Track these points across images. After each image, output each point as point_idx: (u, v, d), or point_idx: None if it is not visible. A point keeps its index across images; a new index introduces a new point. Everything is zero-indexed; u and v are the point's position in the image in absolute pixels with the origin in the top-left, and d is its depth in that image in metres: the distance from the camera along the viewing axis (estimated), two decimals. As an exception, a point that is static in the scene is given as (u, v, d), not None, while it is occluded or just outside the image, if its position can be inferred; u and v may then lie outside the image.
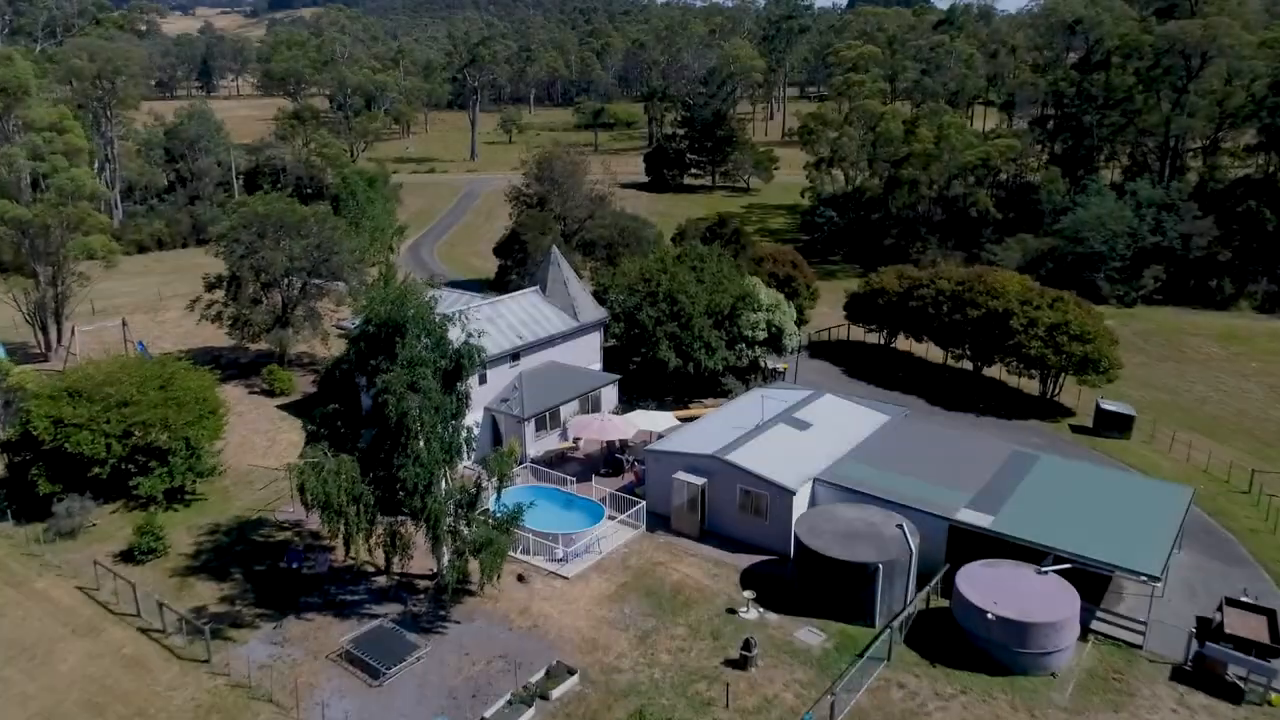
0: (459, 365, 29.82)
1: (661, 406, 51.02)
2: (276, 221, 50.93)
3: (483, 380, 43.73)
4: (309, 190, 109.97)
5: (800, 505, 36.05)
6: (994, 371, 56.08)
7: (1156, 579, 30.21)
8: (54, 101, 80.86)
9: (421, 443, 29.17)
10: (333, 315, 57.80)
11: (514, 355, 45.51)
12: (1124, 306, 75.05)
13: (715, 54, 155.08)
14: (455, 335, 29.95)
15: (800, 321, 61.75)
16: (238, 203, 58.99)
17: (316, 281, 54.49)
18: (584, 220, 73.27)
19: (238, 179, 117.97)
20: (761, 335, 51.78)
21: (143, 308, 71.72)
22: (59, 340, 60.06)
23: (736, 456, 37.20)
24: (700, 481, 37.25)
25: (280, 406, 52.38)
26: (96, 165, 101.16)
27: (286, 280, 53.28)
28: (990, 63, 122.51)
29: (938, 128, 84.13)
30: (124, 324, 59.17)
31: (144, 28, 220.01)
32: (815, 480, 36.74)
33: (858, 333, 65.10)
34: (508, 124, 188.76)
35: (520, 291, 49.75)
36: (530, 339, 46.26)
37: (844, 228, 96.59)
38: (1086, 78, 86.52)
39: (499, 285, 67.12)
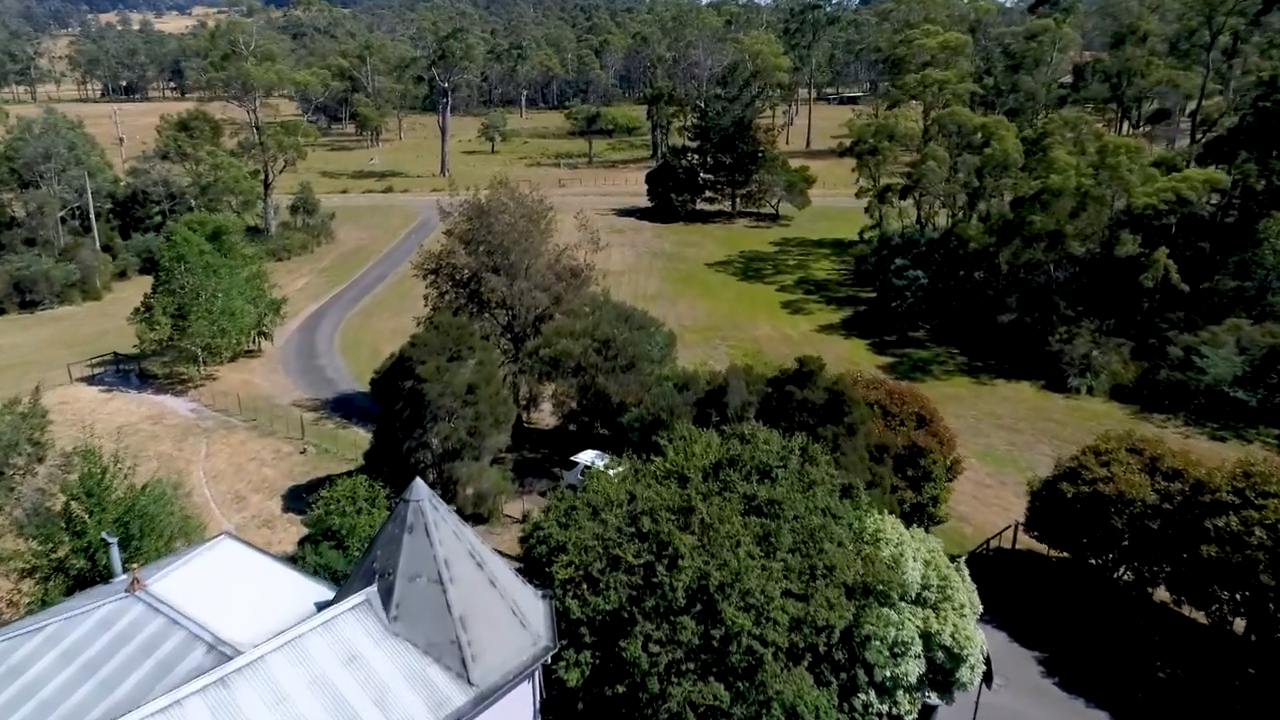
0: None
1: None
2: None
3: None
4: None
5: None
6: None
7: None
8: None
9: None
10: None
11: None
12: None
13: (731, 49, 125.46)
14: None
15: (932, 518, 32.91)
16: None
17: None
18: (545, 311, 43.78)
19: (107, 216, 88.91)
20: (913, 670, 22.26)
21: None
22: None
23: None
24: None
25: None
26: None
27: None
28: (1114, 57, 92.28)
29: (1098, 152, 54.21)
30: None
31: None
32: None
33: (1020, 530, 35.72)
34: (490, 130, 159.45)
35: (327, 614, 19.20)
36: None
37: (930, 289, 67.04)
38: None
39: (383, 451, 36.96)
